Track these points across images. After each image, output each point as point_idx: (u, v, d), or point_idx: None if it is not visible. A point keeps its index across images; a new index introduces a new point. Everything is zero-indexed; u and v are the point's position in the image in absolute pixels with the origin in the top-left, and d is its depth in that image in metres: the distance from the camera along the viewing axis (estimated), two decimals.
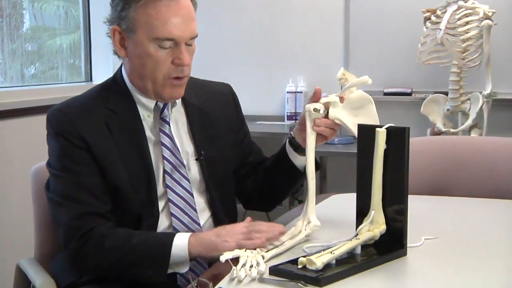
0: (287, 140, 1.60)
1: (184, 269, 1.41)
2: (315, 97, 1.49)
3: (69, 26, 3.61)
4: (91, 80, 3.66)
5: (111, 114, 1.50)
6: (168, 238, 1.40)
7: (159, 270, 1.39)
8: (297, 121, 3.58)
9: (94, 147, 1.46)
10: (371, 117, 1.44)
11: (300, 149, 1.55)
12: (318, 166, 1.57)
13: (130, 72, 1.52)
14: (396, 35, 3.50)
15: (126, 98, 1.53)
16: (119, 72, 1.56)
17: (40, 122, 1.62)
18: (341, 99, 1.46)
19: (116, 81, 1.56)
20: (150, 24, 1.44)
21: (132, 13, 1.45)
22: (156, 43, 1.45)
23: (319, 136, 1.49)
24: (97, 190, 1.45)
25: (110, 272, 1.43)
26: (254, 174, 1.70)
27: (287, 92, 3.66)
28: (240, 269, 1.21)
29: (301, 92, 3.63)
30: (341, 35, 3.63)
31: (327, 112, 1.46)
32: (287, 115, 3.66)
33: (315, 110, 1.46)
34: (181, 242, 1.39)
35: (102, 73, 3.60)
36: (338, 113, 1.45)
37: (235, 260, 1.25)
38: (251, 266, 1.23)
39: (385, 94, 3.41)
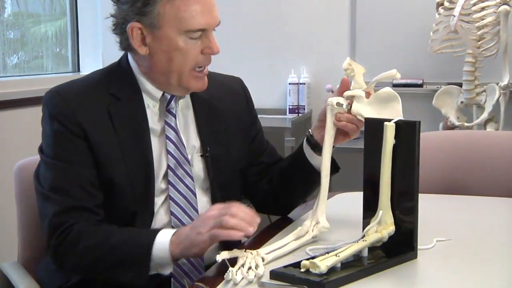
0: (305, 138, 1.60)
1: (168, 271, 1.38)
2: (342, 89, 1.48)
3: (54, 12, 3.61)
4: (78, 70, 3.66)
5: (114, 100, 1.51)
6: (149, 237, 1.38)
7: (140, 272, 1.37)
8: (300, 114, 3.60)
9: (92, 136, 1.47)
10: (394, 116, 1.43)
11: (319, 148, 1.54)
12: (337, 167, 1.58)
13: (150, 68, 1.52)
14: (406, 22, 3.50)
15: (131, 84, 1.54)
16: (124, 58, 1.57)
17: (24, 116, 1.62)
18: (367, 95, 1.46)
19: (121, 66, 1.57)
20: (179, 17, 1.46)
21: (158, 8, 1.46)
22: (186, 35, 1.47)
23: (341, 134, 1.49)
24: (86, 183, 1.46)
25: (89, 273, 1.43)
26: (268, 175, 1.70)
27: (289, 84, 3.66)
28: (236, 271, 1.21)
29: (304, 84, 3.63)
30: (347, 22, 3.63)
31: (350, 108, 1.45)
32: (289, 108, 3.66)
33: (338, 104, 1.46)
34: (162, 241, 1.36)
35: (90, 63, 3.61)
36: (362, 109, 1.44)
37: (234, 261, 1.25)
38: (249, 268, 1.23)
39: (394, 85, 3.39)
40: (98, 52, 3.60)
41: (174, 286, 1.48)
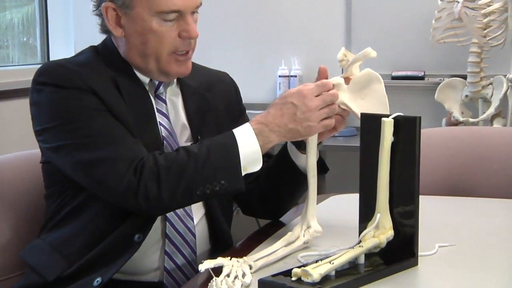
0: None
1: (258, 166, 1.44)
2: (320, 79, 1.49)
3: None
4: (48, 61, 3.64)
5: (116, 74, 1.53)
6: (229, 138, 1.43)
7: (232, 177, 1.41)
8: None
9: (108, 104, 1.48)
10: (379, 98, 1.44)
11: (304, 146, 1.54)
12: (325, 167, 1.60)
13: (127, 51, 1.56)
14: (406, 9, 3.51)
15: (124, 65, 1.56)
16: (109, 40, 1.59)
17: None
18: (347, 81, 1.47)
19: (108, 47, 1.59)
20: None
21: None
22: (159, 17, 1.50)
23: None
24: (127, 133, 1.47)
25: (177, 195, 1.42)
26: (254, 173, 1.71)
27: (279, 76, 3.66)
28: (221, 281, 1.21)
29: (296, 76, 3.64)
30: (342, 9, 3.64)
31: None
32: None
33: None
34: (246, 138, 1.42)
35: (61, 54, 3.59)
36: (343, 97, 1.45)
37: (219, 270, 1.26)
38: (236, 277, 1.24)
39: (394, 78, 3.42)
40: (70, 41, 3.59)
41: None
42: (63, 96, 1.48)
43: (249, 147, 1.42)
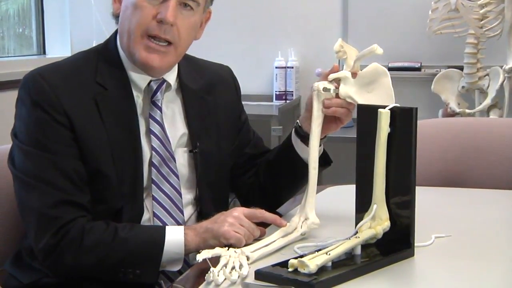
0: (293, 129, 1.61)
1: (177, 267, 1.44)
2: (329, 74, 1.48)
3: None
4: (44, 53, 3.64)
5: (101, 90, 1.51)
6: (159, 233, 1.43)
7: (149, 269, 1.42)
8: (287, 101, 3.60)
9: (79, 126, 1.46)
10: (385, 91, 1.45)
11: (309, 139, 1.54)
12: (328, 160, 1.60)
13: (120, 36, 1.55)
14: (403, 0, 3.51)
15: (119, 73, 1.54)
16: (112, 38, 1.58)
17: None
18: (354, 75, 1.47)
19: (108, 48, 1.58)
20: None
21: None
22: None
23: (333, 121, 1.51)
24: (75, 176, 1.45)
25: (91, 271, 1.44)
26: (253, 169, 1.71)
27: (276, 68, 3.66)
28: (218, 272, 1.22)
29: (292, 68, 3.63)
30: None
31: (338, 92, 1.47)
32: (275, 94, 3.66)
33: (325, 89, 1.47)
34: (175, 238, 1.42)
35: (57, 45, 3.58)
36: (350, 90, 1.46)
37: (215, 261, 1.26)
38: (233, 268, 1.24)
39: (390, 69, 3.41)
40: (66, 32, 3.58)
41: (163, 279, 1.51)
42: (32, 118, 1.46)
43: (174, 248, 1.43)
